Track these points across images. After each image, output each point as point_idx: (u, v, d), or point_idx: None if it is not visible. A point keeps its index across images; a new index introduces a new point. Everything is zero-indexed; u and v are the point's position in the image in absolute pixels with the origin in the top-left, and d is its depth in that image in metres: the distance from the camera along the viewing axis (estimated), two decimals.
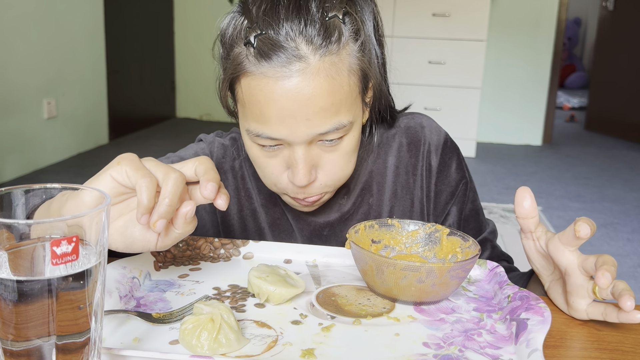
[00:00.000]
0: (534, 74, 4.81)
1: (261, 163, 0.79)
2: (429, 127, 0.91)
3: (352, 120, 0.75)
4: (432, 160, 0.90)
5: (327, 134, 0.73)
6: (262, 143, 0.75)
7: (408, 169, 0.91)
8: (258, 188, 0.91)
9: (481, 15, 4.26)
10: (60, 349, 0.44)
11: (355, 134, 0.77)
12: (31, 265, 0.44)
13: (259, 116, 0.72)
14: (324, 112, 0.71)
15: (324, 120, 0.71)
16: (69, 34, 3.89)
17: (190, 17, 5.27)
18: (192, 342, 0.56)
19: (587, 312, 0.66)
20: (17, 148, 3.50)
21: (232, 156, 0.92)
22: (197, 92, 5.42)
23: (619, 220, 3.23)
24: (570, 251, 0.66)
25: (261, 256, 0.80)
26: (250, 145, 0.78)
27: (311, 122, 0.71)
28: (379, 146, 0.91)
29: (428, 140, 0.90)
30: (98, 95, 4.29)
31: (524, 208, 0.68)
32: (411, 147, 0.91)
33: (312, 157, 0.75)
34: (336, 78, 0.71)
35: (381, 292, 0.69)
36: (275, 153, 0.76)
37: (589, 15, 7.85)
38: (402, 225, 0.79)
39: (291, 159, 0.75)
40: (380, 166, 0.91)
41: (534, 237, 0.70)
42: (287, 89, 0.69)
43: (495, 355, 0.58)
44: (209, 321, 0.57)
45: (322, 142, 0.75)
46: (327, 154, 0.76)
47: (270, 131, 0.72)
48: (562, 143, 5.06)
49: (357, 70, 0.74)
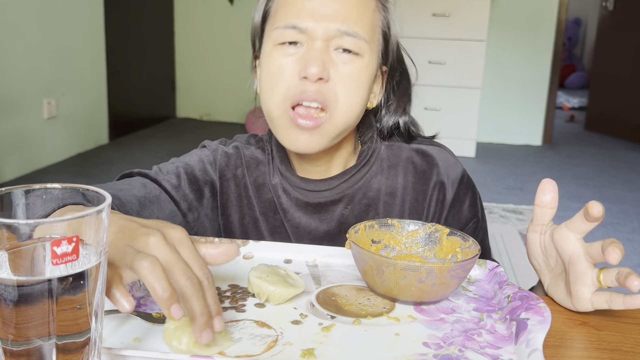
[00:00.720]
0: (534, 74, 4.81)
1: (276, 67, 0.81)
2: (444, 160, 0.92)
3: (367, 42, 0.81)
4: (447, 194, 0.90)
5: (344, 38, 0.79)
6: (286, 38, 0.80)
7: (417, 195, 0.91)
8: (259, 197, 0.92)
9: (481, 15, 4.26)
10: (60, 349, 0.44)
11: (365, 70, 0.82)
12: (31, 265, 0.44)
13: (290, 11, 0.80)
14: (348, 14, 0.79)
15: (346, 20, 0.79)
16: (69, 34, 3.89)
17: (190, 17, 5.27)
18: (173, 343, 0.56)
19: (592, 301, 0.66)
20: (17, 148, 3.50)
21: (235, 164, 0.93)
22: (197, 92, 5.42)
23: (619, 220, 3.23)
24: (576, 238, 0.67)
25: (261, 256, 0.80)
26: (270, 52, 0.82)
27: (335, 17, 0.79)
28: (390, 166, 0.92)
29: (441, 174, 0.91)
30: (98, 95, 4.29)
31: (545, 198, 0.70)
32: (423, 175, 0.91)
33: (327, 55, 0.79)
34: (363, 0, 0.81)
35: (381, 292, 0.69)
36: (294, 52, 0.80)
37: (589, 15, 7.84)
38: (402, 225, 0.79)
39: (307, 55, 0.79)
40: (390, 187, 0.91)
41: (542, 230, 0.70)
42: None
43: (495, 355, 0.58)
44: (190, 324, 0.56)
45: (338, 51, 0.80)
46: (340, 65, 0.80)
47: (298, 21, 0.79)
48: (562, 143, 5.05)
49: (382, 17, 0.84)
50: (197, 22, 5.24)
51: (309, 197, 0.90)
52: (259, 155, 0.95)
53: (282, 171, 0.91)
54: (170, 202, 0.88)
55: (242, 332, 0.61)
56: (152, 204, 0.86)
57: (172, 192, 0.89)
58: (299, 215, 0.90)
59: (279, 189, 0.91)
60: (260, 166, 0.94)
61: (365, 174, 0.90)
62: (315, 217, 0.90)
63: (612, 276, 0.64)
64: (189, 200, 0.90)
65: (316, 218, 0.90)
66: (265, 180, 0.93)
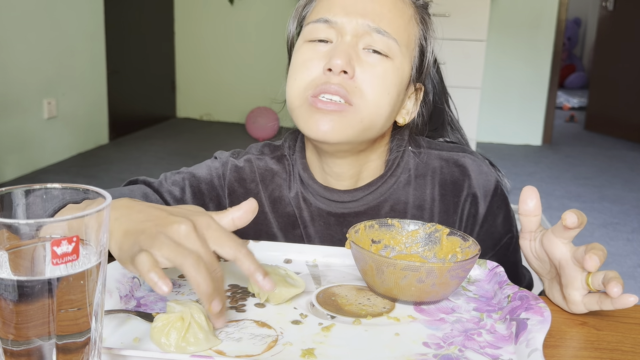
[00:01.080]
0: (533, 74, 4.81)
1: (302, 61, 0.80)
2: (477, 171, 0.87)
3: (399, 47, 0.79)
4: (480, 207, 0.86)
5: (373, 35, 0.77)
6: (317, 32, 0.79)
7: (448, 207, 0.87)
8: (275, 211, 0.89)
9: (481, 16, 4.26)
10: (60, 348, 0.44)
11: (395, 72, 0.79)
12: (31, 265, 0.44)
13: (324, 6, 0.80)
14: (380, 12, 0.78)
15: (376, 17, 0.78)
16: (69, 34, 3.89)
17: (190, 17, 5.26)
18: (161, 341, 0.56)
19: (584, 304, 0.66)
20: (17, 148, 3.50)
21: (248, 179, 0.90)
22: (197, 92, 5.42)
23: (619, 220, 3.23)
24: (563, 243, 0.67)
25: (261, 256, 0.80)
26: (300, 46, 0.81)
27: (367, 13, 0.78)
28: (417, 177, 0.87)
29: (474, 186, 0.86)
30: (98, 95, 4.29)
31: (528, 206, 0.69)
32: (454, 187, 0.87)
33: (355, 52, 0.77)
34: (405, 2, 0.81)
35: (381, 292, 0.69)
36: (322, 48, 0.79)
37: (589, 15, 7.84)
38: (402, 225, 0.79)
39: (334, 49, 0.77)
40: (418, 198, 0.87)
41: (532, 237, 0.71)
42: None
43: (495, 355, 0.58)
44: (179, 320, 0.57)
45: (367, 50, 0.78)
46: (366, 65, 0.77)
47: (330, 15, 0.79)
48: (562, 143, 5.05)
49: (419, 30, 0.83)
50: (197, 22, 5.24)
51: (332, 207, 0.86)
52: (274, 166, 0.90)
53: (304, 179, 0.87)
54: None
55: (242, 332, 0.61)
56: None
57: (172, 205, 0.85)
58: (320, 226, 0.87)
59: (300, 199, 0.88)
60: (275, 178, 0.90)
61: (392, 185, 0.86)
62: (338, 228, 0.87)
63: (599, 279, 0.64)
64: None
65: (339, 230, 0.87)
66: (282, 193, 0.89)
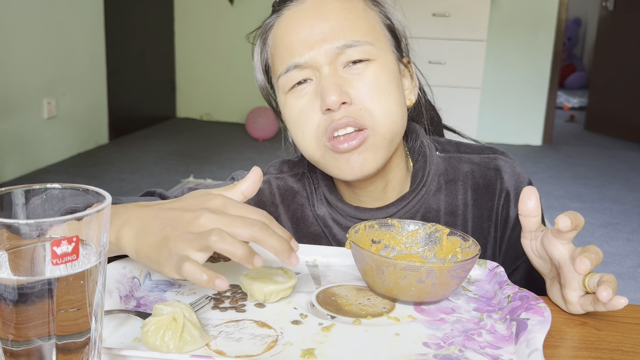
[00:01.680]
0: (533, 74, 4.81)
1: (296, 113, 0.78)
2: (509, 172, 0.85)
3: (370, 43, 0.76)
4: (511, 211, 0.84)
5: (346, 51, 0.75)
6: (292, 80, 0.77)
7: (482, 212, 0.85)
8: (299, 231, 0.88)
9: (481, 15, 4.26)
10: (60, 349, 0.44)
11: (383, 70, 0.77)
12: (31, 265, 0.44)
13: (285, 53, 0.77)
14: (339, 27, 0.75)
15: (339, 34, 0.75)
16: (69, 33, 3.89)
17: (190, 17, 5.26)
18: (157, 344, 0.56)
19: (580, 304, 0.67)
20: (17, 148, 3.50)
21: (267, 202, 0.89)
22: (197, 92, 5.42)
23: (619, 220, 3.23)
24: (562, 244, 0.66)
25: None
26: (285, 102, 0.79)
27: (328, 37, 0.75)
28: (447, 182, 0.85)
29: (506, 187, 0.84)
30: (98, 95, 4.29)
31: (528, 207, 0.69)
32: (487, 190, 0.85)
33: (339, 78, 0.75)
34: (352, 1, 0.78)
35: (381, 292, 0.69)
36: (306, 90, 0.77)
37: (589, 15, 7.84)
38: (402, 225, 0.79)
39: (321, 85, 0.75)
40: (451, 205, 0.85)
41: (532, 237, 0.71)
42: (302, 16, 0.77)
43: (495, 355, 0.58)
44: (172, 321, 0.57)
45: (348, 67, 0.76)
46: (355, 80, 0.75)
47: (296, 58, 0.76)
48: (562, 143, 5.05)
49: (376, 11, 0.80)
50: (197, 22, 5.24)
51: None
52: (294, 185, 0.89)
53: (332, 201, 0.85)
54: None
55: (242, 332, 0.61)
56: None
57: None
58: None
59: (329, 219, 0.86)
60: (297, 197, 0.88)
61: (423, 195, 0.84)
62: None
63: (595, 281, 0.64)
64: None
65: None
66: (305, 213, 0.87)
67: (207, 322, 0.63)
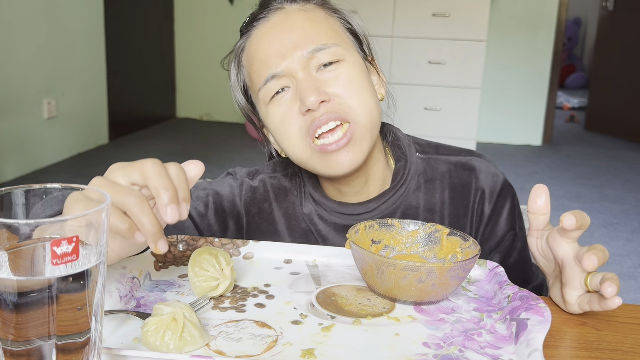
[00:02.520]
0: (533, 74, 4.81)
1: (279, 119, 0.81)
2: (485, 172, 0.90)
3: (338, 44, 0.82)
4: (485, 208, 0.89)
5: (317, 55, 0.80)
6: (272, 90, 0.81)
7: (459, 210, 0.90)
8: (290, 228, 0.91)
9: (481, 15, 4.25)
10: (60, 349, 0.44)
11: (353, 68, 0.82)
12: (31, 265, 0.44)
13: (260, 67, 0.82)
14: (306, 35, 0.81)
15: (307, 41, 0.80)
16: (69, 33, 3.89)
17: (190, 17, 5.26)
18: (157, 344, 0.56)
19: (578, 303, 0.67)
20: (17, 148, 3.50)
21: (262, 199, 0.93)
22: (197, 92, 5.42)
23: (618, 220, 3.23)
24: (567, 243, 0.67)
25: (261, 256, 0.80)
26: (267, 113, 0.83)
27: (298, 44, 0.80)
28: (427, 181, 0.90)
29: (482, 186, 0.89)
30: (98, 95, 4.29)
31: (537, 204, 0.70)
32: (463, 189, 0.89)
33: (315, 80, 0.80)
34: (313, 12, 0.84)
35: (381, 292, 0.69)
36: (286, 97, 0.81)
37: (589, 15, 7.84)
38: (402, 225, 0.79)
39: (298, 89, 0.79)
40: (429, 203, 0.89)
41: (539, 235, 0.71)
42: (270, 27, 0.83)
43: (495, 355, 0.58)
44: (172, 321, 0.57)
45: (321, 69, 0.81)
46: (331, 79, 0.80)
47: (272, 69, 0.80)
48: (562, 143, 5.05)
49: (336, 17, 0.85)
50: (197, 22, 5.24)
51: (347, 220, 0.88)
52: (286, 184, 0.93)
53: (317, 198, 0.90)
54: (194, 229, 0.88)
55: (242, 332, 0.61)
56: (176, 228, 0.87)
57: (197, 220, 0.89)
58: (338, 240, 0.89)
59: (314, 216, 0.90)
60: (288, 195, 0.92)
61: (403, 192, 0.89)
62: None
63: (597, 280, 0.64)
64: (213, 230, 0.90)
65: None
66: (296, 210, 0.91)
67: (207, 322, 0.63)
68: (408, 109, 4.45)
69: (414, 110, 4.45)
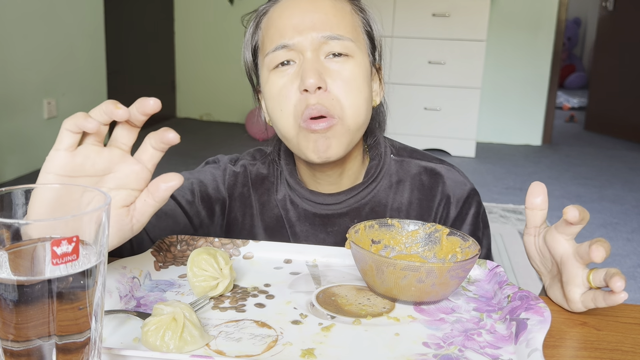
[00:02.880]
0: (533, 74, 4.81)
1: (276, 90, 0.84)
2: (453, 179, 0.94)
3: (353, 41, 0.84)
4: (451, 212, 0.93)
5: (330, 42, 0.82)
6: (277, 60, 0.83)
7: (423, 211, 0.94)
8: (262, 214, 0.95)
9: (481, 16, 4.26)
10: (60, 348, 0.44)
11: (359, 68, 0.84)
12: (31, 265, 0.44)
13: (275, 34, 0.84)
14: (327, 20, 0.83)
15: (326, 26, 0.83)
16: (69, 33, 3.89)
17: (190, 17, 5.27)
18: (157, 343, 0.56)
19: (582, 301, 0.67)
20: (17, 148, 3.50)
21: (242, 183, 0.96)
22: (198, 92, 5.42)
23: (618, 220, 3.23)
24: (566, 240, 0.67)
25: (261, 256, 0.80)
26: (267, 79, 0.85)
27: (317, 26, 0.82)
28: (397, 182, 0.94)
29: (447, 192, 0.93)
30: (98, 95, 4.29)
31: (535, 201, 0.70)
32: (430, 192, 0.93)
33: (320, 64, 0.82)
34: (341, 2, 0.86)
35: (381, 292, 0.69)
36: (289, 71, 0.83)
37: (588, 16, 7.84)
38: (402, 225, 0.79)
39: (303, 67, 0.81)
40: (397, 202, 0.93)
41: (536, 232, 0.71)
42: (297, 4, 0.84)
43: (495, 355, 0.58)
44: (172, 320, 0.57)
45: (329, 57, 0.83)
46: (334, 71, 0.82)
47: (285, 40, 0.82)
48: (562, 143, 5.05)
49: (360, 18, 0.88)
50: (197, 22, 5.24)
51: (317, 209, 0.92)
52: (264, 171, 0.97)
53: (291, 184, 0.93)
54: (184, 217, 0.90)
55: (242, 332, 0.61)
56: (168, 217, 0.89)
57: (187, 208, 0.91)
58: (306, 227, 0.92)
59: (287, 201, 0.94)
60: (265, 182, 0.96)
61: (373, 189, 0.92)
62: (322, 228, 0.92)
63: (601, 276, 0.64)
64: (201, 217, 0.92)
65: (323, 230, 0.92)
66: (270, 197, 0.95)
67: (207, 322, 0.63)
68: (408, 109, 4.45)
69: (414, 110, 4.45)
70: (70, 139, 0.57)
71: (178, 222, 0.89)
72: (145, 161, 0.62)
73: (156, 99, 0.58)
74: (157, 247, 0.78)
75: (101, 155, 0.59)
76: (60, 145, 0.57)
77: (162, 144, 0.61)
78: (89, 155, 0.59)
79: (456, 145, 4.46)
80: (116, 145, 0.61)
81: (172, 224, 0.88)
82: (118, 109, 0.57)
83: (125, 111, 0.58)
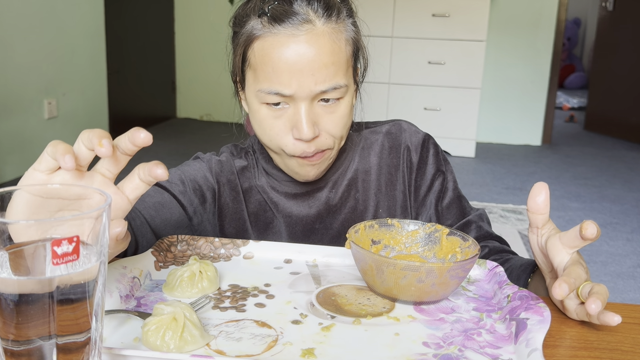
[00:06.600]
0: (533, 74, 4.81)
1: (268, 124, 0.85)
2: (408, 131, 1.00)
3: (347, 85, 0.84)
4: (413, 158, 0.99)
5: (327, 93, 0.82)
6: (270, 101, 0.83)
7: (390, 169, 0.99)
8: (248, 199, 0.98)
9: (481, 16, 4.26)
10: (61, 348, 0.44)
11: (349, 100, 0.87)
12: (32, 265, 0.44)
13: (270, 74, 0.81)
14: (326, 70, 0.81)
15: (325, 78, 0.81)
16: (70, 34, 3.89)
17: (190, 17, 5.26)
18: (157, 343, 0.56)
19: (576, 313, 0.67)
20: (18, 148, 3.50)
21: (229, 171, 0.98)
22: (198, 92, 5.41)
23: (618, 220, 3.23)
24: (567, 253, 0.67)
25: (261, 256, 0.80)
26: (257, 108, 0.85)
27: (315, 78, 0.81)
28: (363, 148, 1.00)
29: (407, 142, 0.99)
30: (98, 95, 4.29)
31: (537, 203, 0.70)
32: (392, 150, 0.99)
33: (314, 114, 0.83)
34: (336, 42, 0.82)
35: (381, 292, 0.69)
36: (281, 113, 0.84)
37: (588, 16, 7.84)
38: (402, 225, 0.79)
39: (295, 117, 0.82)
40: (365, 165, 0.99)
41: (539, 233, 0.71)
42: (297, 47, 0.80)
43: (494, 354, 0.58)
44: (172, 320, 0.57)
45: (322, 102, 0.83)
46: (327, 114, 0.84)
47: (281, 87, 0.81)
48: (562, 143, 5.05)
49: (352, 43, 0.86)
50: (197, 22, 5.24)
51: (296, 188, 0.96)
52: (243, 163, 1.01)
53: (269, 170, 0.97)
54: (179, 206, 0.92)
55: (242, 332, 0.61)
56: (165, 208, 0.91)
57: (180, 197, 0.93)
58: (289, 205, 0.96)
59: (267, 187, 0.98)
60: (246, 172, 1.00)
61: (344, 160, 0.98)
62: (305, 204, 0.96)
63: (587, 291, 0.64)
64: (195, 205, 0.94)
65: (305, 205, 0.96)
66: (252, 184, 0.99)
67: (207, 322, 0.63)
68: (408, 109, 4.45)
69: (414, 110, 4.45)
70: (49, 163, 0.56)
71: (173, 212, 0.91)
72: (128, 191, 0.60)
73: (147, 133, 0.57)
74: (157, 247, 0.78)
75: (79, 181, 0.58)
76: (39, 165, 0.56)
77: (150, 178, 0.59)
78: (66, 180, 0.57)
79: (456, 145, 4.46)
80: (100, 172, 0.59)
81: (169, 213, 0.90)
82: (101, 146, 0.54)
83: (108, 149, 0.55)
